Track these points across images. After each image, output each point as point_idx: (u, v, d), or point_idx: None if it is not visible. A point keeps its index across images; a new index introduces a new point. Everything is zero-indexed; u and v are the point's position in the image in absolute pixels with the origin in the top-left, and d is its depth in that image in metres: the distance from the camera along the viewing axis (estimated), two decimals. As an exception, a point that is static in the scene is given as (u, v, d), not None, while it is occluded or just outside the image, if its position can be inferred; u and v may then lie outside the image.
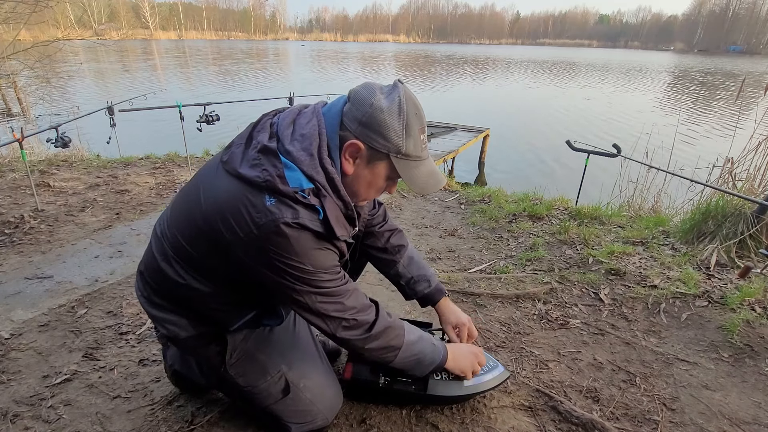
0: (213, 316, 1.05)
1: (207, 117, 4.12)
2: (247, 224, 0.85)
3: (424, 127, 0.94)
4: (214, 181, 0.93)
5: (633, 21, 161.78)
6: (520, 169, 8.86)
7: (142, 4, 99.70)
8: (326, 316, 0.96)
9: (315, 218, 0.87)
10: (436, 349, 1.16)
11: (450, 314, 1.34)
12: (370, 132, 0.88)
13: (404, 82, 0.94)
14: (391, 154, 0.91)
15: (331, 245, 0.93)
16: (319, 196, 0.88)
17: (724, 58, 67.14)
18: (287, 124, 0.92)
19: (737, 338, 1.66)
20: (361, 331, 1.00)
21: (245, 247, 0.87)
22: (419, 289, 1.33)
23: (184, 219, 0.97)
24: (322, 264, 0.91)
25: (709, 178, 3.09)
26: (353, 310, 0.99)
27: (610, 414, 1.35)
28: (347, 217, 0.96)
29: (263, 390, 1.11)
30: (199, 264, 0.97)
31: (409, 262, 1.34)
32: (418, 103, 0.92)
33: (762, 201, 2.25)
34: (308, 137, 0.89)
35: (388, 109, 0.88)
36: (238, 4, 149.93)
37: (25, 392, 1.39)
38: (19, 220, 2.67)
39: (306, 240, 0.87)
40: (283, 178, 0.85)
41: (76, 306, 1.86)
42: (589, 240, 2.53)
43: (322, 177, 0.88)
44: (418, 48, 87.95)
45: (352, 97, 0.91)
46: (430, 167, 0.98)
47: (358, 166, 0.93)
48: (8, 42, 6.92)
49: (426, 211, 3.17)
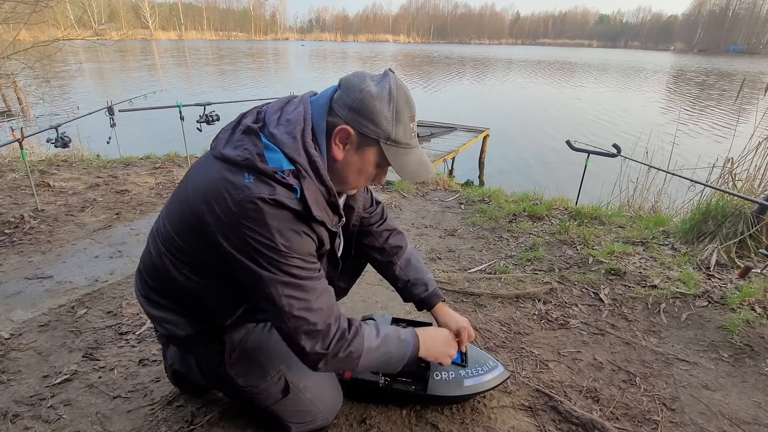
0: (207, 311, 1.04)
1: (207, 117, 4.12)
2: (226, 201, 0.84)
3: (413, 115, 0.94)
4: (201, 169, 0.94)
5: (633, 21, 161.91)
6: (520, 169, 8.85)
7: (142, 4, 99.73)
8: (289, 314, 0.90)
9: (293, 197, 0.86)
10: (403, 344, 1.09)
11: (448, 319, 1.29)
12: (360, 117, 0.88)
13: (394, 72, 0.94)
14: (381, 140, 0.90)
15: (309, 229, 0.90)
16: (298, 177, 0.87)
17: (724, 59, 67.14)
18: (274, 110, 0.93)
19: (737, 338, 1.66)
20: (319, 344, 0.93)
21: (223, 227, 0.86)
22: (416, 292, 1.32)
23: (175, 212, 0.97)
24: (296, 247, 0.88)
25: (709, 178, 3.09)
26: (318, 314, 0.92)
27: (610, 414, 1.35)
28: (329, 203, 0.95)
29: (263, 390, 1.11)
30: (189, 257, 0.97)
31: (407, 265, 1.33)
32: (408, 92, 0.93)
33: (762, 201, 2.25)
34: (293, 122, 0.89)
35: (379, 95, 0.88)
36: (238, 4, 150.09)
37: (25, 392, 1.39)
38: (19, 220, 2.67)
39: (282, 217, 0.85)
40: (262, 156, 0.86)
41: (76, 306, 1.86)
42: (589, 240, 2.53)
43: (303, 159, 0.88)
44: (418, 48, 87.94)
45: (342, 84, 0.91)
46: (419, 156, 0.97)
47: (347, 152, 0.92)
48: (8, 42, 6.92)
49: (426, 211, 3.17)
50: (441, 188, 3.73)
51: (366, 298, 1.98)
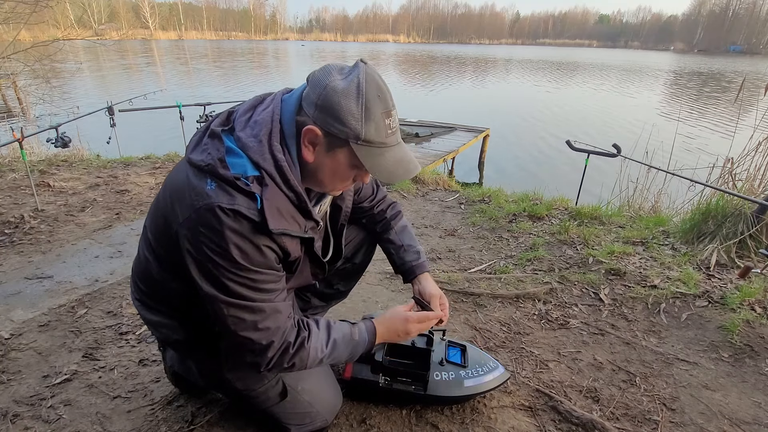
0: (194, 315, 1.02)
1: (207, 117, 4.13)
2: (187, 206, 0.82)
3: (389, 111, 0.85)
4: (174, 173, 0.92)
5: (633, 21, 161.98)
6: (520, 169, 8.85)
7: (142, 4, 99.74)
8: (234, 333, 0.88)
9: (253, 206, 0.81)
10: (355, 345, 1.07)
11: (432, 287, 1.28)
12: (327, 116, 0.81)
13: (368, 62, 0.85)
14: (351, 140, 0.83)
15: (269, 240, 0.85)
16: (261, 184, 0.83)
17: (724, 59, 67.11)
18: (244, 111, 0.88)
19: (737, 338, 1.66)
20: (261, 359, 0.93)
21: (184, 233, 0.83)
22: (408, 259, 1.31)
23: (153, 216, 0.96)
24: (254, 261, 0.84)
25: (709, 178, 3.09)
26: (264, 332, 0.90)
27: (610, 414, 1.35)
28: (300, 209, 0.89)
29: (261, 394, 1.11)
30: (166, 261, 0.95)
31: (402, 230, 1.36)
32: (382, 84, 0.84)
33: (762, 201, 2.25)
34: (260, 123, 0.85)
35: (344, 91, 0.80)
36: (238, 4, 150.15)
37: (25, 392, 1.39)
38: (19, 220, 2.67)
39: (241, 229, 0.81)
40: (223, 161, 0.82)
41: (76, 306, 1.86)
42: (589, 240, 2.53)
43: (269, 164, 0.83)
44: (418, 48, 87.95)
45: (310, 80, 0.85)
46: (398, 154, 0.88)
47: (318, 153, 0.86)
48: (8, 42, 6.91)
49: (426, 211, 3.17)
50: (441, 188, 3.73)
51: (366, 298, 1.98)
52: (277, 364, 0.95)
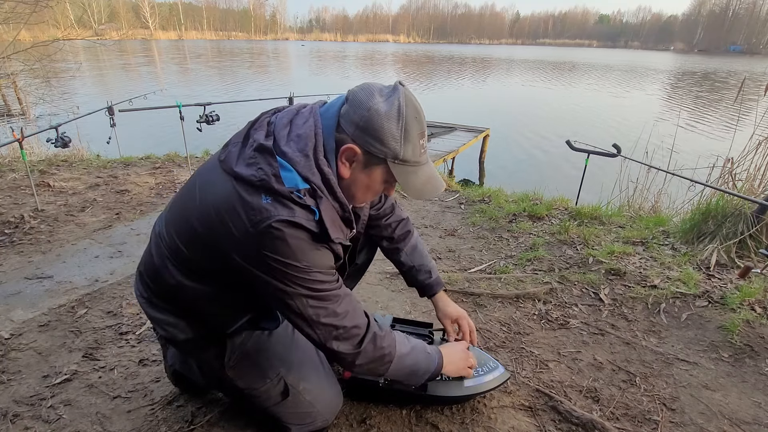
0: (209, 318, 1.04)
1: (207, 117, 4.12)
2: (243, 223, 0.83)
3: (423, 131, 0.91)
4: (210, 180, 0.92)
5: (633, 21, 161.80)
6: (520, 169, 8.85)
7: (142, 4, 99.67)
8: (317, 323, 0.93)
9: (311, 218, 0.86)
10: (430, 357, 1.14)
11: (449, 307, 1.36)
12: (367, 137, 0.86)
13: (405, 84, 0.91)
14: (389, 159, 0.88)
15: (328, 248, 0.92)
16: (315, 197, 0.87)
17: (724, 58, 67.10)
18: (284, 124, 0.90)
19: (737, 338, 1.66)
20: (351, 345, 0.97)
21: (240, 247, 0.86)
22: (420, 278, 1.37)
23: (181, 219, 0.96)
24: (316, 263, 0.89)
25: (709, 178, 3.09)
26: (344, 318, 0.95)
27: (610, 414, 1.35)
28: (344, 219, 0.94)
29: (262, 393, 1.11)
30: (194, 266, 0.96)
31: (413, 251, 1.38)
32: (418, 106, 0.90)
33: (762, 201, 2.25)
34: (304, 138, 0.87)
35: (387, 114, 0.85)
36: (238, 4, 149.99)
37: (25, 392, 1.39)
38: (19, 220, 2.67)
39: (302, 239, 0.86)
40: (278, 177, 0.84)
41: (76, 306, 1.86)
42: (589, 240, 2.53)
43: (317, 178, 0.87)
44: (418, 48, 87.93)
45: (350, 99, 0.88)
46: (428, 172, 0.96)
47: (354, 170, 0.91)
48: (8, 42, 6.91)
49: (426, 211, 3.17)
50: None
51: (366, 298, 1.98)
52: (367, 349, 0.99)
